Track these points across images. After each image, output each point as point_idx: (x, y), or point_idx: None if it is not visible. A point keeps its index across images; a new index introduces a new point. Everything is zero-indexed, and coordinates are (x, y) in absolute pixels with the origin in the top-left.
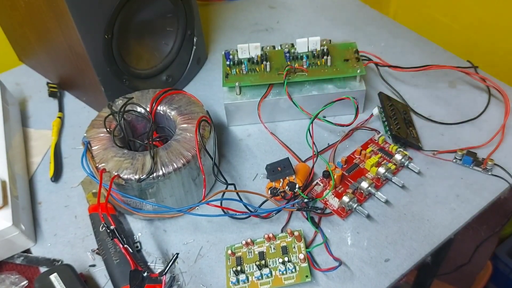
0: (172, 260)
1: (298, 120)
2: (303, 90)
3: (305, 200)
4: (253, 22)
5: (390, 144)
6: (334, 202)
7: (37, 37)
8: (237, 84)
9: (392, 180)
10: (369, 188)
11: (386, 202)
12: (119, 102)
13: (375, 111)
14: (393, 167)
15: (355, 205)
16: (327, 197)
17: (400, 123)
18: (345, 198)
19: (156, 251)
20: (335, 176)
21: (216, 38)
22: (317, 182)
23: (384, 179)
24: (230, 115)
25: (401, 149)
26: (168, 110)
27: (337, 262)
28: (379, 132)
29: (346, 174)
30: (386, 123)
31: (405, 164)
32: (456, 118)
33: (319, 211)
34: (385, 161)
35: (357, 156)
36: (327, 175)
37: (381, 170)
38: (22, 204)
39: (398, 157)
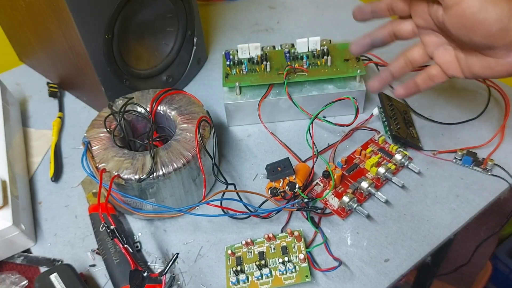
0: (172, 260)
1: (298, 120)
2: (303, 90)
3: (305, 200)
4: (253, 22)
5: (390, 144)
6: (334, 202)
7: (37, 37)
8: (237, 84)
9: (392, 180)
10: (369, 188)
11: (386, 202)
12: (119, 102)
13: (375, 111)
14: (393, 167)
15: (355, 205)
16: (327, 197)
17: (400, 123)
18: (345, 198)
19: (156, 251)
20: (335, 176)
21: (216, 38)
22: (317, 182)
23: (384, 179)
24: (230, 115)
25: (401, 149)
26: (168, 110)
27: (337, 262)
28: (379, 132)
29: (346, 174)
30: (386, 123)
31: (405, 164)
32: (456, 118)
33: (319, 211)
34: (385, 161)
35: (357, 156)
36: (327, 175)
37: (381, 170)
38: (22, 204)
39: (398, 157)
